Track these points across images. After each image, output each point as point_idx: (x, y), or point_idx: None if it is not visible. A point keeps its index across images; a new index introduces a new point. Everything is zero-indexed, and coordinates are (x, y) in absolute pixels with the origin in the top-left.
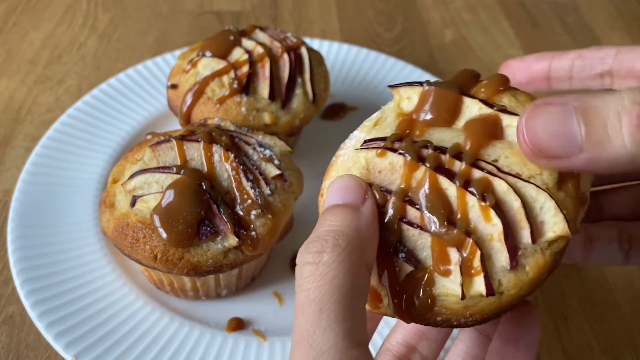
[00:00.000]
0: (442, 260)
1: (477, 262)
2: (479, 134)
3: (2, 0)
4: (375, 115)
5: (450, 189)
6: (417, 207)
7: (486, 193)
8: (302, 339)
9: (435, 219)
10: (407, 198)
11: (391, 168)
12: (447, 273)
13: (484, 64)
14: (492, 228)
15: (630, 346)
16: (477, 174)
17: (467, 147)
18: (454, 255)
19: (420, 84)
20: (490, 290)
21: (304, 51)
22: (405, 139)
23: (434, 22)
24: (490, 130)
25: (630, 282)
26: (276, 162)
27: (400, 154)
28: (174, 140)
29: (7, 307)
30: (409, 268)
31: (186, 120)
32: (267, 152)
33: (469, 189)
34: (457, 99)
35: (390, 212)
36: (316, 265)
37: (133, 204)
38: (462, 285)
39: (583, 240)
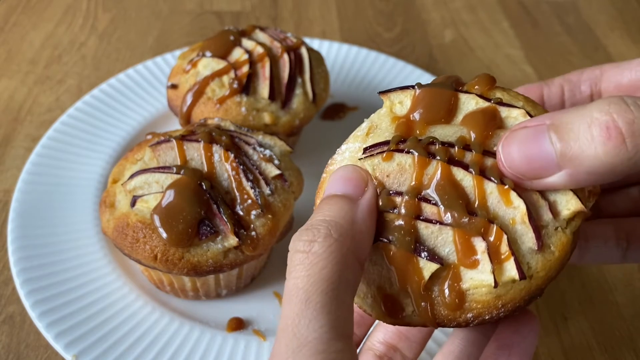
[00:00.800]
0: (468, 251)
1: (504, 247)
2: (481, 125)
3: (2, 0)
4: (364, 125)
5: (466, 178)
6: (433, 202)
7: (504, 177)
8: (287, 327)
9: (455, 211)
10: (420, 195)
11: (400, 169)
12: (474, 264)
13: (484, 64)
14: (513, 211)
15: (630, 346)
16: (489, 161)
17: (473, 138)
18: (479, 244)
19: (412, 87)
20: (522, 274)
21: (304, 51)
22: (409, 139)
23: (434, 22)
24: (491, 121)
25: (630, 282)
26: (276, 162)
27: (407, 152)
28: (174, 140)
29: (7, 307)
30: (433, 266)
31: (186, 120)
32: (267, 152)
33: (485, 175)
34: (452, 96)
35: (404, 211)
36: (306, 254)
37: (133, 204)
38: (493, 273)
39: (578, 240)
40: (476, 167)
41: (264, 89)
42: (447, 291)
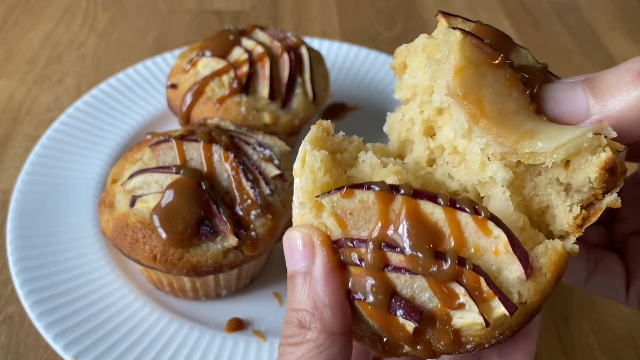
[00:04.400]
0: (448, 298)
1: (485, 287)
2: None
3: (2, 0)
4: (300, 156)
5: (436, 211)
6: (398, 250)
7: (477, 206)
8: None
9: (422, 257)
10: (384, 243)
11: (363, 206)
12: (460, 306)
13: None
14: (495, 241)
15: (630, 346)
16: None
17: None
18: (458, 288)
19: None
20: (511, 309)
21: (303, 51)
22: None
23: (434, 22)
24: None
25: None
26: (276, 162)
27: (368, 188)
28: (173, 140)
29: (7, 307)
30: (412, 325)
31: (186, 120)
32: (267, 152)
33: (457, 206)
34: None
35: (370, 264)
36: (292, 350)
37: (132, 204)
38: (481, 314)
39: (586, 264)
40: (445, 198)
41: (263, 88)
42: (439, 333)
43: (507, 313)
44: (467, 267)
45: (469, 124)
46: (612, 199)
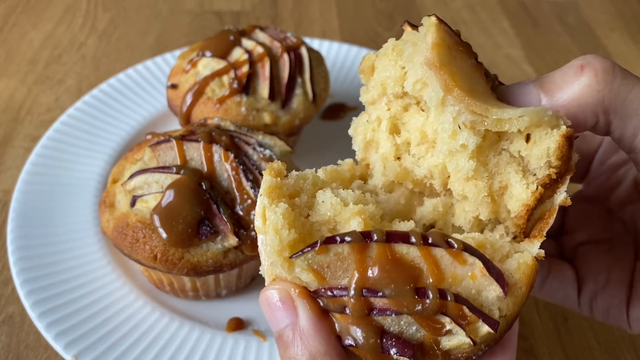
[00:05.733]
0: (435, 328)
1: (468, 313)
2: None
3: (2, 0)
4: (259, 211)
5: (411, 250)
6: (380, 294)
7: (449, 238)
8: None
9: (405, 300)
10: (366, 289)
11: (339, 258)
12: (447, 333)
13: (484, 64)
14: (471, 267)
15: (630, 346)
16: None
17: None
18: (443, 318)
19: None
20: (495, 325)
21: (303, 51)
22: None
23: None
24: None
25: None
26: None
27: (342, 241)
28: (173, 140)
29: (7, 307)
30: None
31: (186, 120)
32: (267, 152)
33: (430, 243)
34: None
35: (355, 312)
36: None
37: (133, 204)
38: (469, 336)
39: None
40: (418, 236)
41: (263, 88)
42: (431, 357)
43: (492, 330)
44: (449, 298)
45: (444, 93)
46: (562, 198)
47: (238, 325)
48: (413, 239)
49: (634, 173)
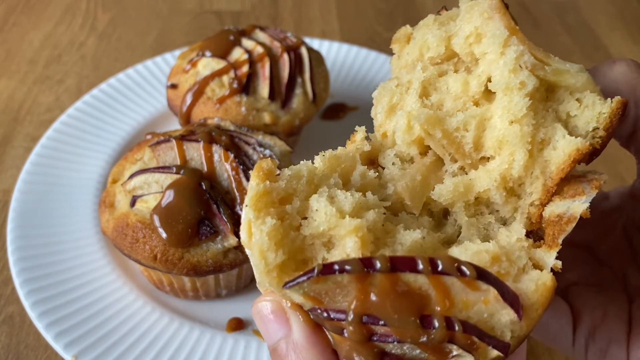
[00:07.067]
0: (441, 354)
1: (477, 340)
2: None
3: (2, 0)
4: (244, 226)
5: (419, 279)
6: (382, 323)
7: (460, 264)
8: None
9: (409, 331)
10: (365, 317)
11: (338, 286)
12: (455, 357)
13: None
14: (484, 293)
15: None
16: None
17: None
18: (450, 346)
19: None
20: (506, 349)
21: (303, 51)
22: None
23: None
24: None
25: None
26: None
27: (342, 272)
28: (173, 140)
29: (7, 307)
30: None
31: (186, 120)
32: (267, 152)
33: (439, 271)
34: None
35: (353, 337)
36: None
37: (133, 204)
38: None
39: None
40: (425, 262)
41: (263, 88)
42: None
43: (501, 355)
44: (457, 328)
45: (510, 33)
46: (585, 208)
47: (238, 325)
48: (421, 266)
49: (622, 222)
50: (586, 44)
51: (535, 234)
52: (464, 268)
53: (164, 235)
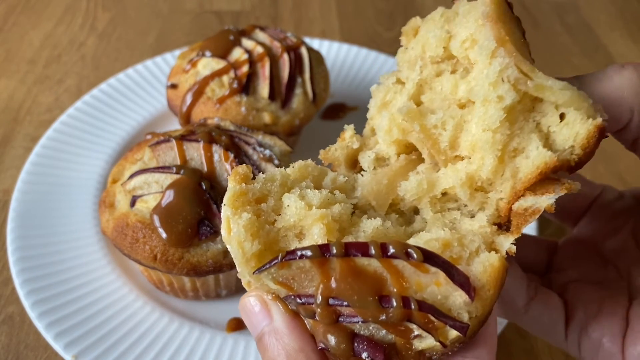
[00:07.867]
0: (403, 333)
1: (434, 319)
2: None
3: (2, 0)
4: (224, 224)
5: (372, 262)
6: (346, 304)
7: (408, 249)
8: None
9: (369, 310)
10: (332, 298)
11: (302, 271)
12: (417, 337)
13: None
14: (434, 275)
15: None
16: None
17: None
18: (410, 325)
19: None
20: (464, 329)
21: (303, 51)
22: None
23: None
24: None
25: None
26: (276, 162)
27: (301, 257)
28: (173, 140)
29: (7, 307)
30: None
31: (186, 120)
32: (267, 152)
33: (389, 255)
34: None
35: (323, 320)
36: None
37: (133, 204)
38: (438, 340)
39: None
40: (377, 247)
41: (263, 88)
42: (405, 357)
43: (461, 334)
44: (413, 307)
45: (497, 44)
46: (550, 203)
47: (238, 325)
48: (372, 251)
49: (633, 224)
50: (586, 44)
51: (505, 226)
52: (411, 251)
53: (164, 235)
